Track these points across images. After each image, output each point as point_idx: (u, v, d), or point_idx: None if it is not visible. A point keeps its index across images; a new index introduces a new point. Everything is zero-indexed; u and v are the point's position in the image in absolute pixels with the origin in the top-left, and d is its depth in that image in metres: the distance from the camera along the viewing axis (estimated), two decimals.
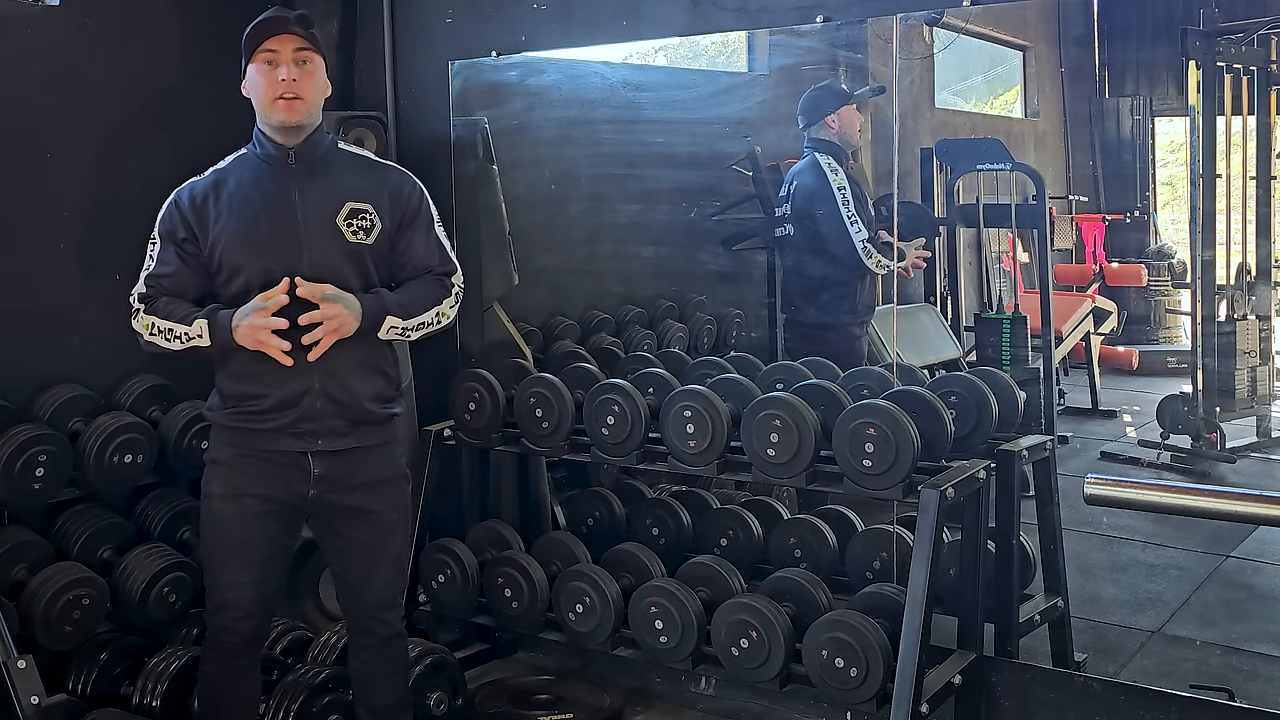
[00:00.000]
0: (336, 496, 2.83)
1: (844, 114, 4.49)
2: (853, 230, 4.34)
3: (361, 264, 2.81)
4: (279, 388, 2.74)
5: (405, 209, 2.88)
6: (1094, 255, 6.98)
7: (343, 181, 2.84)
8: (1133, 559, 4.43)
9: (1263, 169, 5.57)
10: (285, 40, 2.75)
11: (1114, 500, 1.89)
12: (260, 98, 2.77)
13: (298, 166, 2.80)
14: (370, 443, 2.85)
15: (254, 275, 2.75)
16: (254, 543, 2.80)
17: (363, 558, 2.90)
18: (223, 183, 2.81)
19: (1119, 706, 3.12)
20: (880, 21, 4.16)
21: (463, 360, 4.10)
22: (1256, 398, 5.50)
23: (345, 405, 2.79)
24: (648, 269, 5.48)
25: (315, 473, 2.80)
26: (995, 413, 3.39)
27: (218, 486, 2.82)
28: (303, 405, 2.75)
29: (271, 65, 2.75)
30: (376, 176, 2.90)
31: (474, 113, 4.29)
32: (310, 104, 2.79)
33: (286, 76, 2.74)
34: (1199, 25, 5.33)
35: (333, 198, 2.80)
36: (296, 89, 2.75)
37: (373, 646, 2.98)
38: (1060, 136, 7.29)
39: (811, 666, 3.17)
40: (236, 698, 2.91)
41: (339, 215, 2.79)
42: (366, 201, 2.82)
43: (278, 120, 2.76)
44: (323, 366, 2.75)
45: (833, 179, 4.40)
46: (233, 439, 2.81)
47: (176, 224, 2.79)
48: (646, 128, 5.43)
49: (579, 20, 3.90)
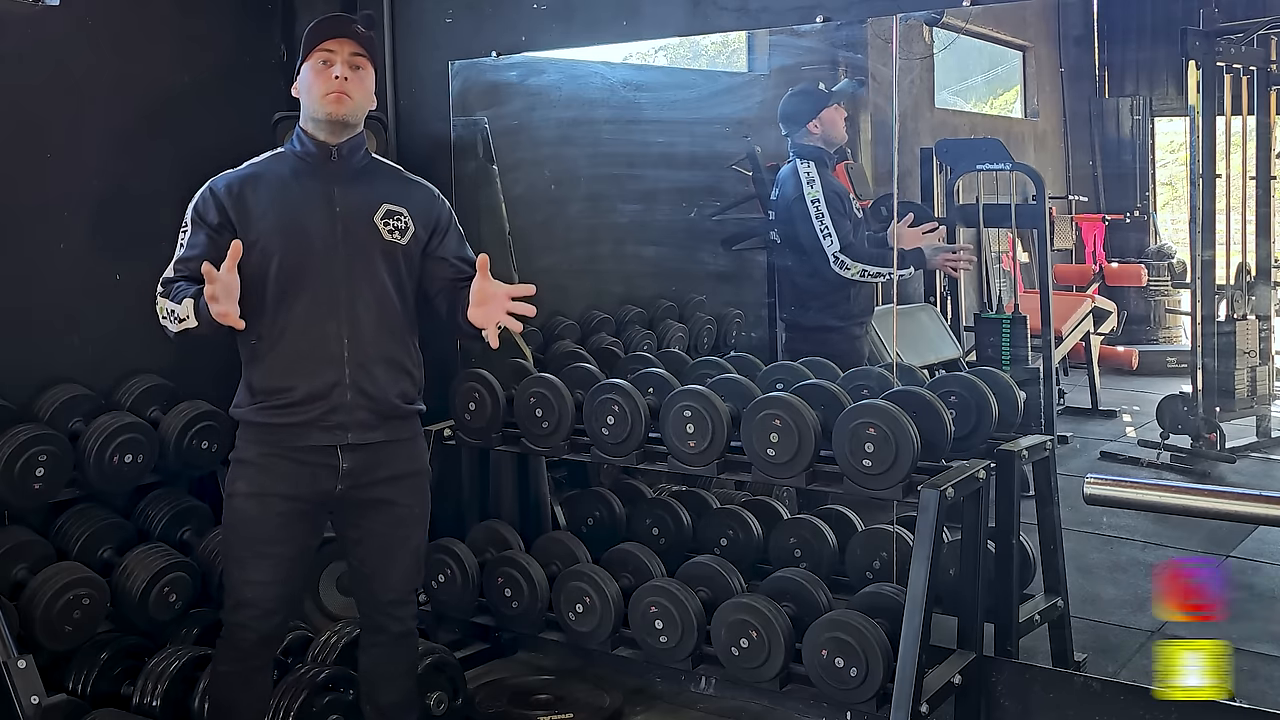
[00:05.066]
0: (362, 490, 2.86)
1: (825, 116, 4.42)
2: (825, 243, 4.29)
3: (394, 262, 2.87)
4: (310, 379, 2.77)
5: (437, 220, 2.97)
6: (1094, 255, 6.97)
7: (379, 185, 2.92)
8: (1133, 559, 4.43)
9: (1263, 169, 5.56)
10: (344, 43, 2.81)
11: (1114, 500, 1.89)
12: (311, 93, 2.83)
13: (338, 164, 2.85)
14: (397, 436, 2.89)
15: (289, 264, 2.76)
16: (277, 541, 2.82)
17: (380, 550, 2.92)
18: (261, 175, 2.85)
19: (1119, 706, 3.12)
20: (880, 21, 4.15)
21: (463, 360, 4.10)
22: (1256, 398, 5.50)
23: (375, 399, 2.82)
24: (648, 269, 5.48)
25: (344, 467, 2.82)
26: (995, 413, 3.40)
27: (243, 485, 2.83)
28: (333, 397, 2.77)
29: (327, 65, 2.80)
30: (410, 187, 2.99)
31: (474, 113, 4.29)
32: (358, 104, 2.85)
33: (340, 74, 2.79)
34: (1199, 25, 5.33)
35: (370, 197, 2.87)
36: (347, 88, 2.80)
37: (384, 644, 2.99)
38: (1060, 136, 7.28)
39: (811, 666, 3.17)
40: (248, 698, 2.92)
41: (376, 214, 2.85)
42: (401, 205, 2.89)
43: (325, 113, 2.81)
44: (353, 360, 2.78)
45: (807, 191, 4.33)
46: (261, 436, 2.82)
47: (211, 209, 2.80)
48: (646, 128, 5.42)
49: (579, 20, 3.90)
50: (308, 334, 2.78)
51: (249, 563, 2.82)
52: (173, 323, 2.75)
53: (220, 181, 2.84)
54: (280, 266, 2.77)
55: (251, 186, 2.82)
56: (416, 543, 3.01)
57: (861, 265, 4.28)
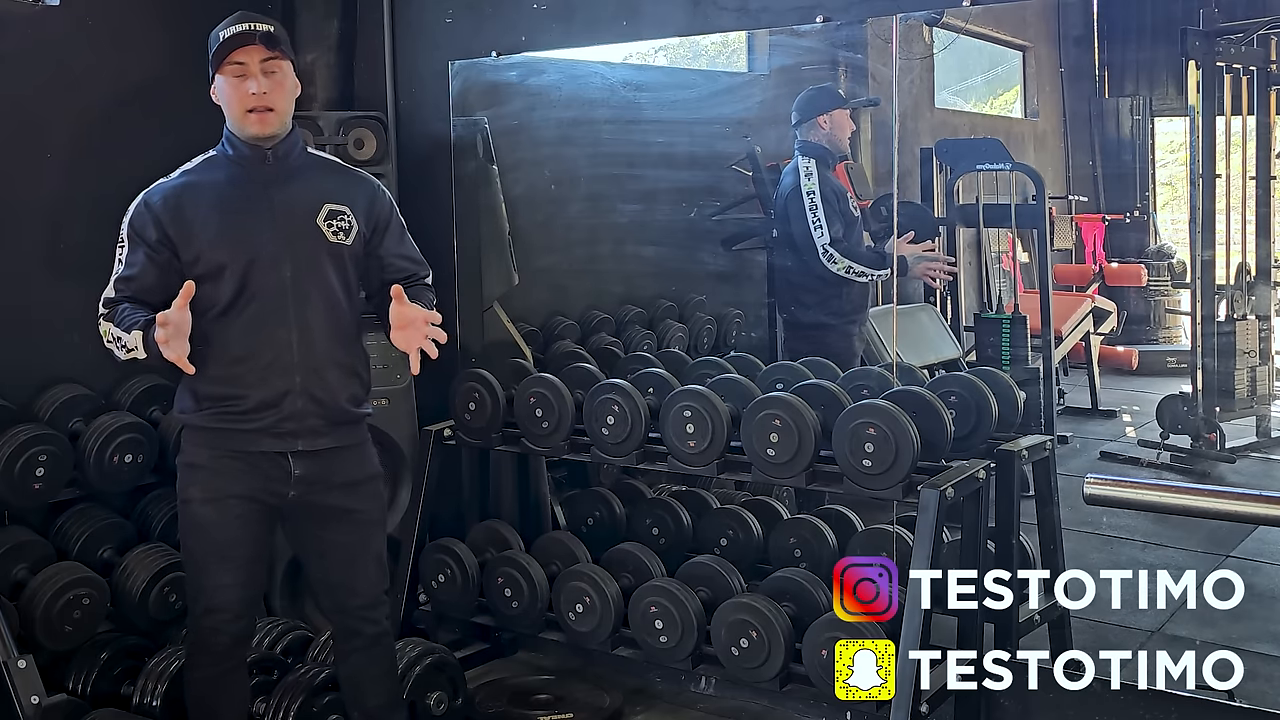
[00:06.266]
0: (316, 497, 2.83)
1: (836, 116, 4.49)
2: (816, 234, 4.32)
3: (341, 264, 2.82)
4: (260, 388, 2.73)
5: (379, 215, 2.90)
6: (1094, 255, 6.97)
7: (318, 183, 2.85)
8: (1133, 559, 4.42)
9: (1263, 169, 5.55)
10: (252, 52, 2.73)
11: (1114, 500, 1.89)
12: (232, 109, 2.77)
13: (274, 166, 2.80)
14: (346, 442, 2.86)
15: (236, 273, 2.72)
16: (239, 543, 2.79)
17: (345, 559, 2.89)
18: (197, 184, 2.79)
19: (1119, 706, 3.12)
20: (880, 21, 4.15)
21: (463, 360, 4.10)
22: (1256, 398, 5.49)
23: (326, 405, 2.79)
24: (648, 269, 5.47)
25: (296, 473, 2.79)
26: (995, 413, 3.39)
27: (197, 490, 2.79)
28: (285, 405, 2.74)
29: (240, 78, 2.74)
30: (349, 181, 2.92)
31: (474, 113, 4.29)
32: (282, 113, 2.79)
33: (257, 90, 2.73)
34: (1199, 25, 5.32)
35: (311, 198, 2.81)
36: (268, 101, 2.74)
37: (361, 648, 2.96)
38: (1060, 136, 7.28)
39: (811, 666, 3.17)
40: (228, 700, 2.91)
41: (319, 215, 2.80)
42: (343, 204, 2.83)
43: (251, 134, 2.77)
44: (305, 365, 2.75)
45: (804, 183, 4.37)
46: (210, 440, 2.78)
47: (148, 224, 2.75)
48: (646, 128, 5.42)
49: (579, 20, 3.90)
50: (257, 342, 2.74)
51: (213, 568, 2.79)
52: (119, 350, 2.71)
53: (155, 194, 2.78)
54: (226, 277, 2.72)
55: (189, 197, 2.76)
56: (378, 547, 2.98)
57: (849, 261, 4.30)
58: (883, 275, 4.36)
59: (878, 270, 4.34)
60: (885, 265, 4.33)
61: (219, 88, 2.79)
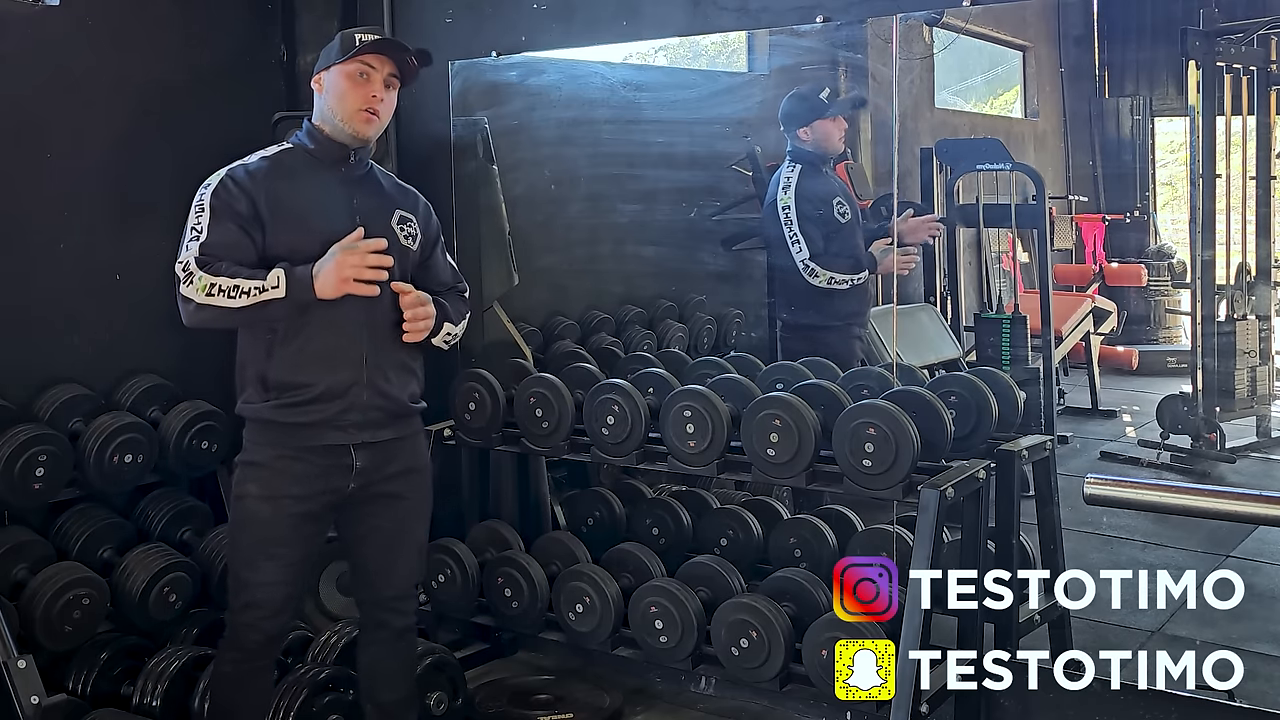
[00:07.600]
0: (373, 486, 2.88)
1: (817, 127, 4.37)
2: (794, 249, 4.29)
3: (405, 267, 2.91)
4: (328, 375, 2.78)
5: (433, 228, 3.06)
6: (1094, 255, 6.98)
7: (387, 190, 2.98)
8: (1133, 559, 4.43)
9: (1263, 169, 5.56)
10: (385, 62, 2.84)
11: (1114, 500, 1.89)
12: (344, 104, 2.83)
13: (354, 167, 2.89)
14: (405, 433, 2.93)
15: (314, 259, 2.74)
16: (288, 543, 2.82)
17: (386, 544, 2.94)
18: (282, 168, 2.85)
19: (1119, 706, 3.12)
20: (880, 22, 4.15)
21: (463, 360, 4.09)
22: (1256, 398, 5.50)
23: (389, 398, 2.86)
24: (648, 269, 5.48)
25: (358, 465, 2.84)
26: (995, 413, 3.39)
27: (255, 487, 2.82)
28: (350, 395, 2.79)
29: (365, 78, 2.82)
30: (408, 193, 3.06)
31: (474, 113, 4.29)
32: (382, 125, 2.91)
33: (378, 94, 2.83)
34: (1199, 25, 5.33)
35: (385, 203, 2.93)
36: (380, 108, 2.85)
37: (386, 640, 3.00)
38: (1060, 136, 7.29)
39: (811, 666, 3.17)
40: (251, 698, 2.93)
41: (392, 218, 2.91)
42: (410, 213, 2.97)
43: (355, 132, 2.84)
44: (371, 361, 2.82)
45: (780, 196, 4.32)
46: (274, 437, 2.80)
47: (236, 197, 2.75)
48: (646, 128, 5.42)
49: (579, 20, 3.90)
50: (330, 333, 2.77)
51: (259, 564, 2.82)
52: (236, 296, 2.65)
53: (240, 170, 2.80)
54: (307, 261, 2.74)
55: (279, 181, 2.81)
56: (420, 537, 3.04)
57: (830, 273, 4.27)
58: (861, 279, 4.34)
59: (856, 275, 4.31)
60: (863, 268, 4.32)
61: (333, 81, 2.85)
